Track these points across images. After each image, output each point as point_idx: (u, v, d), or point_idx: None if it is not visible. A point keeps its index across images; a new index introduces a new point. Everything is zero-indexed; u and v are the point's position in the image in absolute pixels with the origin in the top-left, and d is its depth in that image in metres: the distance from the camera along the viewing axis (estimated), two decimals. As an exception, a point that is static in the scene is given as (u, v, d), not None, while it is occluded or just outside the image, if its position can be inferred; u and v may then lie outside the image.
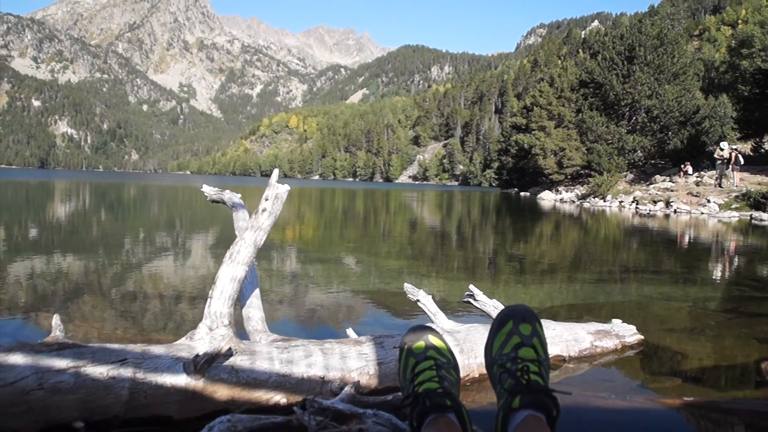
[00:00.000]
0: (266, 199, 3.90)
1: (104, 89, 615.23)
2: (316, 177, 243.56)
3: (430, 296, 4.49)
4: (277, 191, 3.94)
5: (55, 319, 3.77)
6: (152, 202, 30.76)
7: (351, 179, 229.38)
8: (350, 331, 4.32)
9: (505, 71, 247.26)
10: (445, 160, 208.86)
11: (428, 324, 3.78)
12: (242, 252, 3.76)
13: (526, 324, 2.18)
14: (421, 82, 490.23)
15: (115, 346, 3.30)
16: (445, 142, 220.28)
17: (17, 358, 2.96)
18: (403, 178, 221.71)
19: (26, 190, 39.09)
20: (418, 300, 4.43)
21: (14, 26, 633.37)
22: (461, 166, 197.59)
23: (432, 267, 10.44)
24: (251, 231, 3.85)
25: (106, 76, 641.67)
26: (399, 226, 21.25)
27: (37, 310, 6.21)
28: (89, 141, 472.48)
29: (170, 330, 5.54)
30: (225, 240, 13.72)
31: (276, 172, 4.03)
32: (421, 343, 2.31)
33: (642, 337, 5.07)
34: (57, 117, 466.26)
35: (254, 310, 4.17)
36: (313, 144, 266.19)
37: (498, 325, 2.23)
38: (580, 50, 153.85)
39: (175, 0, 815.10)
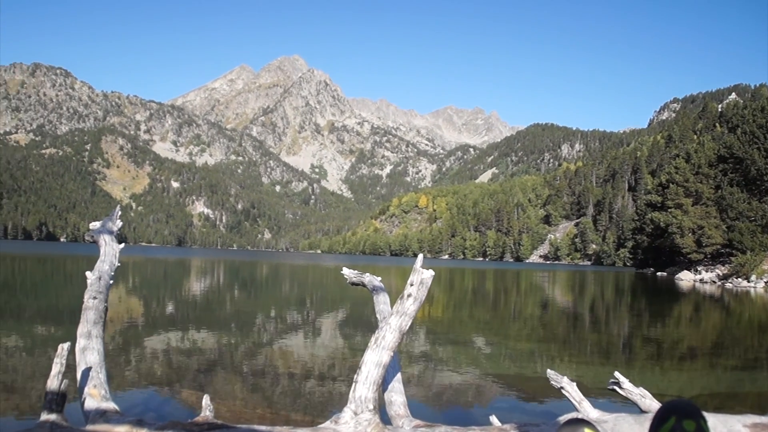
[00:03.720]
0: (411, 284, 3.88)
1: (239, 171, 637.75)
2: (446, 256, 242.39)
3: (575, 383, 4.37)
4: (422, 276, 3.90)
5: (205, 399, 3.89)
6: (285, 280, 31.49)
7: (480, 258, 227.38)
8: (493, 418, 4.23)
9: (638, 148, 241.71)
10: (576, 239, 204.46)
11: (579, 415, 3.69)
12: (387, 337, 3.75)
13: (690, 420, 2.12)
14: (551, 160, 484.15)
15: (263, 428, 3.38)
16: (577, 221, 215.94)
17: (171, 437, 3.07)
18: (534, 258, 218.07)
19: (165, 267, 40.80)
20: (562, 387, 4.31)
21: (156, 112, 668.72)
22: (594, 246, 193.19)
23: (565, 350, 10.25)
24: (396, 316, 3.83)
25: (240, 158, 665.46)
26: (530, 306, 20.97)
27: (179, 385, 6.44)
28: (224, 220, 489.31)
29: (305, 409, 5.64)
30: (356, 319, 13.87)
31: (420, 257, 4.03)
32: (578, 437, 2.26)
33: (804, 431, 4.75)
34: (194, 197, 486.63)
35: (396, 395, 4.17)
36: (443, 223, 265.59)
37: (659, 420, 2.18)
38: (717, 124, 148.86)
39: (306, 85, 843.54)
